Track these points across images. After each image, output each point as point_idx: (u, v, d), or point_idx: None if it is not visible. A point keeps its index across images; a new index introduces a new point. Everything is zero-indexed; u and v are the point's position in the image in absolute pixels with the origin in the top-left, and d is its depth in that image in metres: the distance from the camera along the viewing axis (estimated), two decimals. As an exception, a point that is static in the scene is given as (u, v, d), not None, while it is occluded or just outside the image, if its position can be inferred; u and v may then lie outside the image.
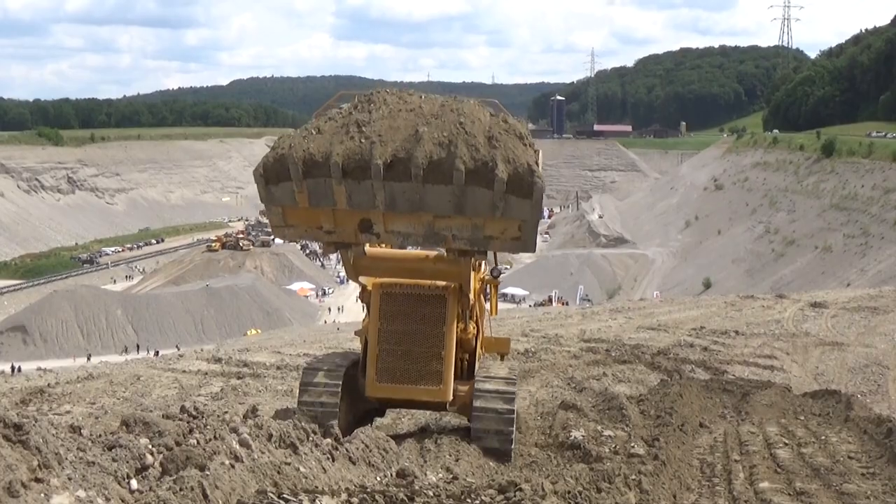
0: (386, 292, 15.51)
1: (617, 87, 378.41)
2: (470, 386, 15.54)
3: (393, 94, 13.77)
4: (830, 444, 14.84)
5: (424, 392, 15.30)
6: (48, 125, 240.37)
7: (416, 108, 13.34)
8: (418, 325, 15.41)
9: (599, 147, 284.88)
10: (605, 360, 28.20)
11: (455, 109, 13.20)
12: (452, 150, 12.55)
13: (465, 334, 16.00)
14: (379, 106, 13.37)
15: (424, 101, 13.52)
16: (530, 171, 12.49)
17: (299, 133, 13.47)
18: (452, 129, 12.88)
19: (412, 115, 13.24)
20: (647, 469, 11.73)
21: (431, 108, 13.34)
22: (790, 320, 37.38)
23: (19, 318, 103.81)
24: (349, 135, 12.99)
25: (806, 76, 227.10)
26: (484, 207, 12.71)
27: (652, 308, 44.80)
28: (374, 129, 12.95)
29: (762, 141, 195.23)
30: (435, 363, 15.30)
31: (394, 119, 13.22)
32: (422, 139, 12.71)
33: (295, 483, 8.48)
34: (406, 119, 13.23)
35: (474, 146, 12.63)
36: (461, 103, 13.38)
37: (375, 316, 15.60)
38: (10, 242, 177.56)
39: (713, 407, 20.74)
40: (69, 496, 6.21)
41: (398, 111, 13.31)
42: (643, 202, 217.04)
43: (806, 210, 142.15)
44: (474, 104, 13.51)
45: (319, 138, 13.17)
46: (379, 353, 15.41)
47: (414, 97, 13.65)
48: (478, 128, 12.88)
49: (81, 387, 26.04)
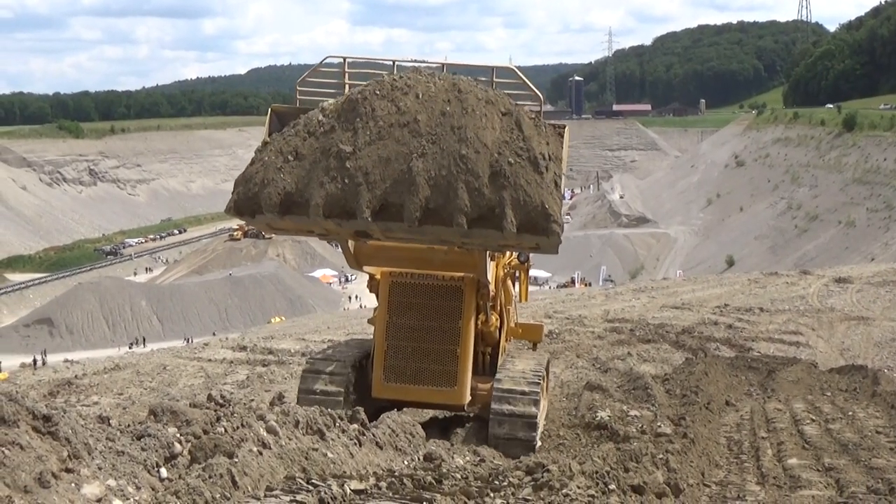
0: (395, 282, 14.28)
1: (635, 66, 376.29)
2: (492, 384, 14.28)
3: (384, 90, 12.17)
4: (858, 420, 14.80)
5: (437, 394, 14.08)
6: (68, 118, 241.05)
7: (411, 120, 11.89)
8: (431, 319, 14.15)
9: (619, 127, 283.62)
10: (630, 340, 28.19)
11: (457, 127, 11.71)
12: (451, 196, 11.30)
13: (486, 326, 14.77)
14: (366, 121, 11.95)
15: (422, 102, 12.05)
16: (545, 213, 11.37)
17: (273, 156, 12.11)
18: (451, 164, 11.49)
19: (405, 135, 11.80)
20: (675, 447, 11.71)
21: (429, 119, 11.89)
22: (815, 296, 37.23)
23: (45, 310, 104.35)
24: (330, 173, 11.66)
25: (825, 50, 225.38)
26: (494, 242, 11.88)
27: (675, 287, 44.69)
28: (359, 165, 11.63)
29: (783, 117, 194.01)
30: (449, 362, 14.06)
31: (383, 144, 11.80)
32: (415, 182, 11.38)
33: (323, 469, 8.52)
34: (397, 143, 11.78)
35: (477, 189, 11.34)
36: (466, 104, 11.91)
37: (384, 309, 14.38)
38: (33, 236, 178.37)
39: (739, 384, 20.71)
40: (100, 485, 6.25)
41: (388, 128, 11.87)
42: (664, 181, 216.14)
43: (828, 185, 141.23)
44: (483, 103, 12.00)
45: (297, 169, 11.90)
46: (387, 350, 14.19)
47: (409, 97, 12.11)
48: (482, 160, 11.48)
49: (108, 378, 26.23)
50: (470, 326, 14.12)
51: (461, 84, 12.30)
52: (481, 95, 12.18)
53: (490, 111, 11.96)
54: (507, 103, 12.24)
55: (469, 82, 12.50)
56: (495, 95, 12.36)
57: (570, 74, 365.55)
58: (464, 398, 14.14)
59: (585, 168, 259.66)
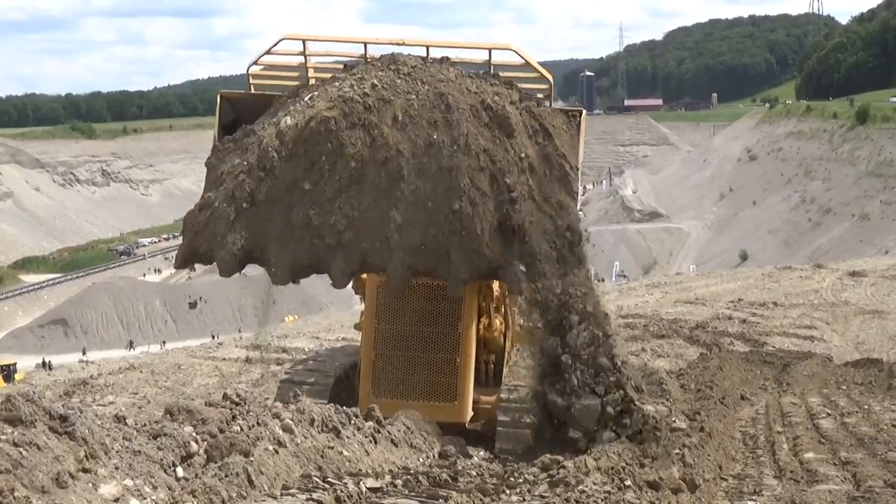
0: (384, 283, 12.07)
1: (647, 61, 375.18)
2: (497, 396, 12.50)
3: (355, 114, 10.62)
4: (874, 413, 14.74)
5: (435, 410, 12.07)
6: (81, 119, 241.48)
7: (390, 156, 10.39)
8: (426, 325, 12.29)
9: (630, 122, 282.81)
10: (644, 335, 28.13)
11: (447, 169, 10.17)
12: (443, 260, 10.29)
13: (489, 332, 12.89)
14: (333, 160, 10.48)
15: (402, 126, 10.58)
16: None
17: (224, 202, 10.90)
18: (443, 222, 10.23)
19: (383, 179, 10.41)
20: (692, 441, 11.69)
21: (413, 152, 10.45)
22: (829, 290, 37.11)
23: (60, 311, 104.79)
24: (294, 233, 10.49)
25: (838, 43, 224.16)
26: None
27: (689, 282, 44.62)
28: (327, 222, 10.33)
29: (795, 110, 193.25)
30: (448, 373, 12.28)
31: (356, 192, 10.36)
32: (399, 246, 10.26)
33: (339, 466, 8.54)
34: (374, 190, 10.40)
35: (476, 251, 10.29)
36: (458, 129, 10.54)
37: (371, 314, 12.55)
38: (47, 236, 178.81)
39: (754, 379, 20.64)
40: (117, 485, 6.27)
41: (362, 168, 10.42)
42: (676, 175, 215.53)
43: (842, 178, 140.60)
44: (477, 118, 10.69)
45: (254, 219, 10.70)
46: (375, 361, 12.38)
47: (386, 120, 10.61)
48: (480, 213, 10.24)
49: (123, 377, 26.30)
50: (471, 332, 12.45)
51: (449, 96, 10.87)
52: (475, 103, 10.86)
53: (489, 123, 10.75)
54: (504, 105, 10.96)
55: (457, 85, 11.09)
56: (491, 94, 11.08)
57: (581, 70, 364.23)
58: (465, 415, 12.48)
59: (597, 163, 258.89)
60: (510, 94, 11.57)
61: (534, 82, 12.53)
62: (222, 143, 12.04)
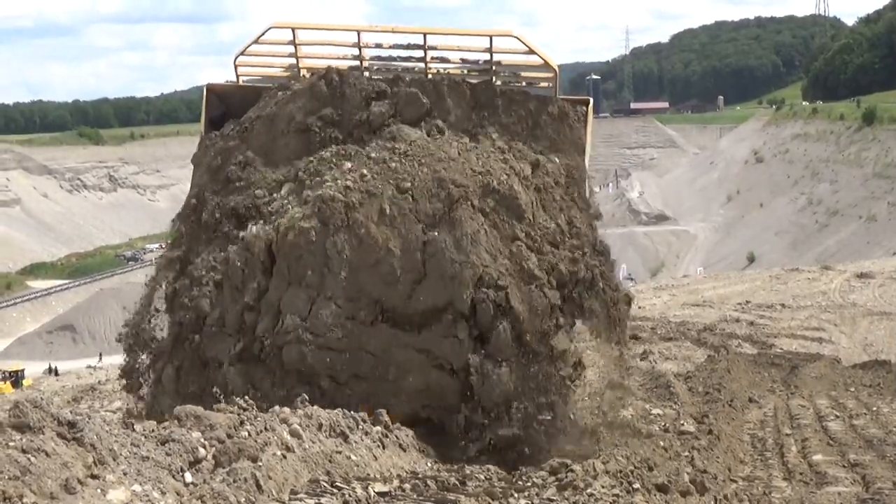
0: None
1: (653, 64, 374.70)
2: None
3: (335, 218, 9.74)
4: (882, 415, 14.72)
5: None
6: (88, 125, 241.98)
7: (380, 257, 9.61)
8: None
9: (637, 125, 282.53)
10: (651, 338, 28.07)
11: (450, 277, 9.63)
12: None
13: None
14: (320, 274, 9.76)
15: (390, 221, 9.72)
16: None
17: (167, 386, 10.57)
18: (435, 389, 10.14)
19: (377, 281, 9.79)
20: (701, 444, 11.67)
21: (405, 250, 9.67)
22: (837, 291, 37.06)
23: (68, 317, 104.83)
24: (275, 376, 10.29)
25: (844, 44, 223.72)
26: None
27: (696, 284, 44.59)
28: (316, 359, 9.98)
29: (802, 112, 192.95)
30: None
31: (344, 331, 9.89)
32: (400, 389, 10.23)
33: (347, 471, 8.53)
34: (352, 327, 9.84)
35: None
36: (462, 228, 9.77)
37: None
38: (55, 242, 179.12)
39: (762, 381, 20.61)
40: (125, 491, 6.27)
41: (347, 286, 9.79)
42: (683, 178, 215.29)
43: (849, 180, 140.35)
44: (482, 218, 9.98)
45: (213, 312, 10.43)
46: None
47: (372, 216, 9.75)
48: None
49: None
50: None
51: (447, 176, 10.00)
52: (483, 185, 10.05)
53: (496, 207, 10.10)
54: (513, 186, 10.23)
55: (460, 166, 10.23)
56: (499, 173, 10.29)
57: (587, 73, 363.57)
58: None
59: (604, 166, 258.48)
60: (525, 153, 11.03)
61: (538, 70, 12.21)
62: (209, 138, 11.97)
